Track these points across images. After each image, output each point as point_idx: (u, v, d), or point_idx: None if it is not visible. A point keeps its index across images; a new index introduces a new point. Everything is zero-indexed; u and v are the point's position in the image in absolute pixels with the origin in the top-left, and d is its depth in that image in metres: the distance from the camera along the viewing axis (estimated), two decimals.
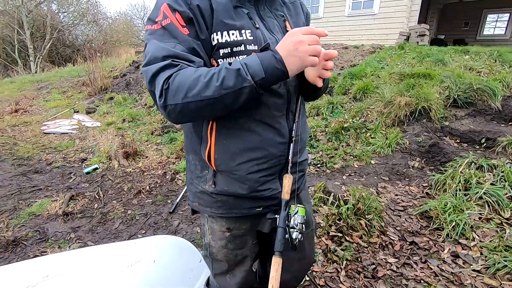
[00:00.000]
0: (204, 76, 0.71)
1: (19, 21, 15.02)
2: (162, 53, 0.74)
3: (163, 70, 0.72)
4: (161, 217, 2.56)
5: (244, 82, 0.71)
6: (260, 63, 0.72)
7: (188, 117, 0.77)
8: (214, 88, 0.70)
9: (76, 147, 4.34)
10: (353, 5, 8.16)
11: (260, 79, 0.71)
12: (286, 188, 0.88)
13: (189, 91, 0.70)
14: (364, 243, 2.01)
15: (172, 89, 0.71)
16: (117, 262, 1.36)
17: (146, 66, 0.75)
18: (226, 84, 0.70)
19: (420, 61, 4.75)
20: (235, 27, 0.80)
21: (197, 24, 0.76)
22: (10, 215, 2.58)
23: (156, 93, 0.73)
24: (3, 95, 8.15)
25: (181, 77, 0.71)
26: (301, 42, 0.71)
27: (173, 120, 0.77)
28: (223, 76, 0.70)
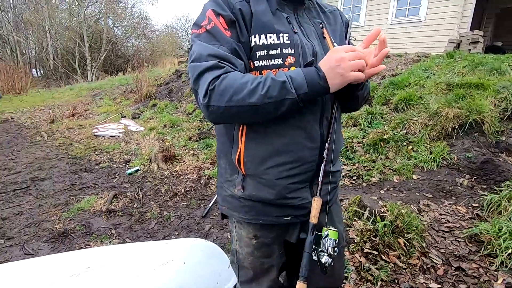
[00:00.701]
0: (250, 83, 0.74)
1: (80, 35, 16.81)
2: (207, 51, 0.78)
3: (209, 71, 0.75)
4: (194, 221, 2.64)
5: (287, 94, 0.73)
6: (305, 78, 0.74)
7: (227, 120, 0.81)
8: (258, 96, 0.73)
9: (121, 149, 4.67)
10: (397, 13, 7.83)
11: (303, 93, 0.74)
12: (314, 212, 0.86)
13: (234, 95, 0.73)
14: (402, 264, 1.87)
15: (218, 91, 0.74)
16: (151, 260, 1.43)
17: (192, 63, 0.79)
18: (270, 94, 0.73)
19: (471, 70, 4.38)
20: (273, 30, 0.82)
21: (238, 27, 0.81)
22: (62, 208, 2.84)
23: (200, 92, 0.76)
24: (64, 100, 9.12)
25: (227, 80, 0.74)
26: (343, 59, 0.74)
27: (212, 120, 0.81)
28: (269, 85, 0.73)
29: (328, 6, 1.04)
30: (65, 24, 18.17)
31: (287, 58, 0.82)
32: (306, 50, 0.85)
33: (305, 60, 0.84)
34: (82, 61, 17.47)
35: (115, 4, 18.31)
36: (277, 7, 0.85)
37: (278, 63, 0.82)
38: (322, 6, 1.01)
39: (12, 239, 2.35)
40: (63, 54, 17.69)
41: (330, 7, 1.04)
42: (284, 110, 0.76)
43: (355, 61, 0.74)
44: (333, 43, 0.95)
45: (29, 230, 2.48)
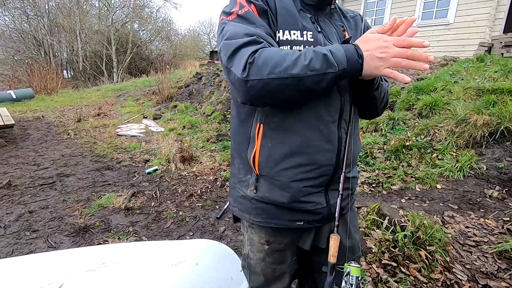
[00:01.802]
0: (291, 55, 0.71)
1: (108, 38, 17.58)
2: (244, 30, 0.76)
3: (246, 46, 0.73)
4: (209, 222, 2.65)
5: (329, 67, 0.70)
6: (345, 54, 0.71)
7: (265, 97, 0.74)
8: (301, 66, 0.69)
9: (142, 149, 4.80)
10: (423, 15, 7.56)
11: (342, 69, 0.71)
12: (332, 251, 0.83)
13: (276, 67, 0.70)
14: (423, 278, 1.77)
15: (258, 63, 0.70)
16: (163, 260, 1.44)
17: (226, 40, 0.76)
18: (313, 66, 0.70)
19: (504, 75, 4.12)
20: (297, 27, 0.82)
21: (270, 17, 0.81)
22: (84, 204, 2.95)
23: (237, 67, 0.72)
24: (91, 100, 9.53)
25: (267, 52, 0.72)
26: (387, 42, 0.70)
27: (249, 98, 0.75)
28: (311, 57, 0.70)
29: (349, 11, 1.03)
30: (94, 28, 19.08)
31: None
32: None
33: None
34: (108, 63, 18.25)
35: (141, 9, 19.02)
36: (301, 8, 0.86)
37: None
38: (344, 12, 1.00)
39: (37, 232, 2.47)
40: (91, 56, 18.57)
41: (352, 12, 1.03)
42: (325, 85, 0.72)
43: (399, 48, 0.69)
44: None
45: (53, 224, 2.59)
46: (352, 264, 0.80)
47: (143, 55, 20.12)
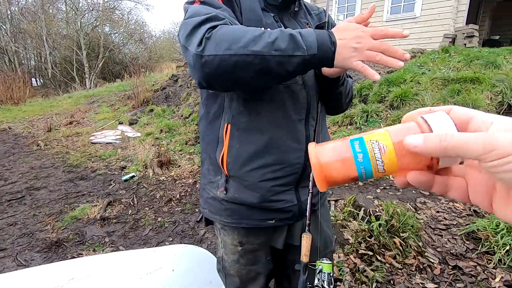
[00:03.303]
0: (253, 30, 0.65)
1: (78, 43, 16.90)
2: (205, 11, 0.71)
3: (206, 22, 0.67)
4: (189, 226, 2.61)
5: (297, 50, 0.64)
6: (316, 39, 0.65)
7: (222, 76, 0.66)
8: (264, 43, 0.63)
9: (117, 156, 4.66)
10: (391, 10, 7.81)
11: (311, 54, 0.64)
12: (304, 250, 0.83)
13: (234, 42, 0.63)
14: (398, 264, 1.83)
15: (215, 38, 0.64)
16: (138, 269, 1.40)
17: (186, 20, 0.71)
18: (278, 45, 0.63)
19: (467, 64, 4.34)
20: (261, 26, 0.80)
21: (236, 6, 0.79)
22: (56, 218, 2.82)
23: (193, 43, 0.66)
24: (62, 108, 9.13)
25: (227, 28, 0.66)
26: (364, 32, 0.65)
27: (205, 77, 0.67)
28: (277, 36, 0.64)
29: (315, 8, 1.02)
30: (62, 33, 18.27)
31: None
32: None
33: None
34: (80, 69, 17.55)
35: (111, 12, 18.41)
36: (264, 8, 0.84)
37: None
38: (309, 9, 0.99)
39: (4, 250, 2.33)
40: (61, 62, 17.78)
41: (317, 9, 1.02)
42: (290, 70, 0.66)
43: (377, 41, 0.64)
44: None
45: (22, 241, 2.45)
46: (324, 261, 0.81)
47: (117, 59, 19.49)
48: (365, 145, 0.31)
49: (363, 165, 0.30)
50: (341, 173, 0.31)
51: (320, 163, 0.31)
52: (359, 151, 0.31)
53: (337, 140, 0.33)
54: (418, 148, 0.28)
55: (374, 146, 0.30)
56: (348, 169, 0.31)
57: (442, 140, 0.27)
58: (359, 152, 0.30)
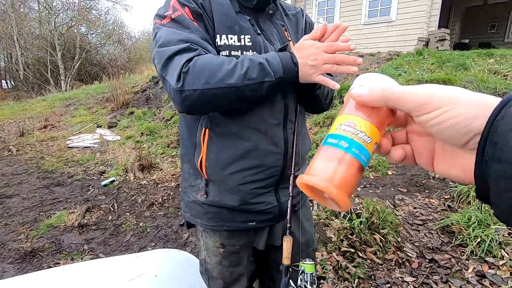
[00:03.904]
0: (227, 64, 0.70)
1: (52, 44, 16.21)
2: (177, 37, 0.73)
3: (180, 53, 0.71)
4: (172, 230, 2.57)
5: (266, 76, 0.71)
6: (280, 62, 0.72)
7: (202, 107, 0.74)
8: (238, 76, 0.69)
9: (96, 160, 4.51)
10: (369, 13, 8.06)
11: (279, 77, 0.72)
12: (286, 253, 0.84)
13: (212, 76, 0.68)
14: (378, 260, 1.89)
15: (193, 73, 0.69)
16: (119, 276, 1.36)
17: (159, 48, 0.73)
18: (250, 75, 0.70)
19: (439, 66, 4.56)
20: (234, 31, 0.80)
21: (205, 20, 0.79)
22: (30, 226, 2.69)
23: (171, 77, 0.70)
24: (35, 112, 8.72)
25: (203, 61, 0.70)
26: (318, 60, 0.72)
27: (186, 108, 0.73)
28: (247, 66, 0.70)
29: (291, 8, 1.02)
30: (35, 33, 17.47)
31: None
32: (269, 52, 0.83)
33: None
34: (55, 70, 16.83)
35: (87, 12, 17.81)
36: (240, 10, 0.84)
37: None
38: (286, 9, 0.99)
39: None
40: (34, 64, 16.98)
41: (294, 9, 1.02)
42: (263, 94, 0.73)
43: (329, 54, 0.71)
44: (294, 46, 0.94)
45: None
46: (306, 262, 0.82)
47: (94, 61, 18.85)
48: (337, 134, 0.31)
49: (352, 147, 0.30)
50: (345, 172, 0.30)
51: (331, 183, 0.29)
52: (337, 141, 0.30)
53: (315, 157, 0.32)
54: (364, 97, 0.30)
55: (343, 128, 0.31)
56: (347, 163, 0.30)
57: (384, 89, 0.29)
58: (338, 140, 0.30)
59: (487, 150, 0.23)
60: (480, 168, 0.24)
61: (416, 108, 0.27)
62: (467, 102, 0.25)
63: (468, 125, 0.24)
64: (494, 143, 0.23)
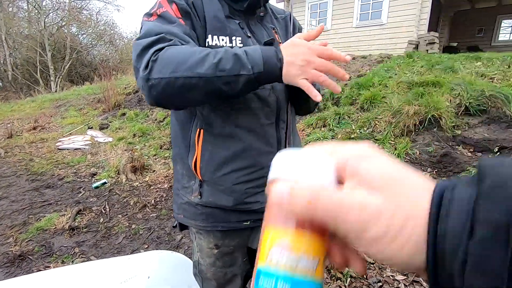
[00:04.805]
0: (199, 52, 0.65)
1: (42, 44, 15.95)
2: (157, 29, 0.71)
3: (154, 44, 0.68)
4: (164, 232, 2.55)
5: (242, 69, 0.65)
6: (262, 56, 0.66)
7: (171, 98, 0.69)
8: (209, 65, 0.64)
9: (87, 162, 4.45)
10: (360, 16, 8.18)
11: (257, 72, 0.66)
12: None
13: (180, 65, 0.64)
14: (370, 259, 1.92)
15: (161, 61, 0.65)
16: (111, 278, 1.35)
17: (137, 40, 0.72)
18: (223, 66, 0.64)
19: (429, 69, 4.65)
20: (226, 33, 0.81)
21: (193, 19, 0.78)
22: (19, 229, 2.64)
23: (142, 65, 0.67)
24: (24, 113, 8.56)
25: (173, 50, 0.67)
26: (309, 63, 0.65)
27: (154, 99, 0.69)
28: (221, 56, 0.65)
29: (281, 12, 1.03)
30: (24, 33, 17.16)
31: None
32: None
33: None
34: (44, 71, 16.55)
35: (78, 12, 17.59)
36: (229, 14, 0.84)
37: None
38: (275, 12, 1.00)
39: None
40: (23, 64, 16.67)
41: (283, 13, 1.03)
42: (239, 89, 0.67)
43: (322, 60, 0.65)
44: None
45: None
46: None
47: (85, 61, 18.61)
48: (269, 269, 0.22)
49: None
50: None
51: None
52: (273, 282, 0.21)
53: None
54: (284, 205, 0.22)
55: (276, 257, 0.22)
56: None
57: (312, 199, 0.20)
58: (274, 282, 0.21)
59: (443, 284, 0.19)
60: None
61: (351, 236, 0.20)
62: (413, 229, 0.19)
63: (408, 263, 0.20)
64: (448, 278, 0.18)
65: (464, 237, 0.17)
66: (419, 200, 0.19)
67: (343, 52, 0.66)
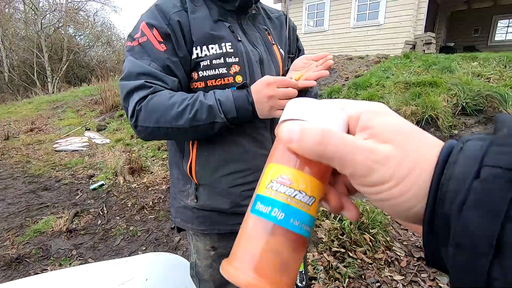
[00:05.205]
0: (178, 106, 0.73)
1: (38, 45, 15.89)
2: (137, 70, 0.77)
3: (137, 90, 0.75)
4: (163, 233, 2.54)
5: (216, 118, 0.74)
6: (234, 103, 0.75)
7: (157, 138, 0.81)
8: (186, 119, 0.73)
9: (85, 164, 4.43)
10: (358, 17, 8.21)
11: (231, 118, 0.75)
12: None
13: (161, 118, 0.73)
14: (368, 259, 1.92)
15: (145, 112, 0.74)
16: (109, 281, 1.35)
17: (122, 81, 0.79)
18: (199, 117, 0.73)
19: (426, 69, 4.67)
20: (214, 41, 0.80)
21: (175, 40, 0.78)
22: (16, 232, 2.62)
23: (129, 112, 0.77)
24: (21, 115, 8.51)
25: (154, 102, 0.74)
26: (272, 96, 0.73)
27: (143, 138, 0.82)
28: (196, 109, 0.73)
29: (274, 11, 1.03)
30: (20, 34, 17.08)
31: (232, 67, 0.81)
32: (251, 57, 0.84)
33: (251, 68, 0.84)
34: (41, 72, 16.48)
35: (75, 13, 17.52)
36: (219, 18, 0.83)
37: (222, 72, 0.80)
38: (268, 12, 1.00)
39: None
40: (19, 66, 16.59)
41: (277, 12, 1.03)
42: (216, 131, 0.76)
43: (284, 101, 0.74)
44: (279, 49, 0.95)
45: None
46: None
47: (82, 62, 18.54)
48: (267, 197, 0.23)
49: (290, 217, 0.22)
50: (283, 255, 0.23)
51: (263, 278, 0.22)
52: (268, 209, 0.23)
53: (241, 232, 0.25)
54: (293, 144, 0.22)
55: (275, 187, 0.23)
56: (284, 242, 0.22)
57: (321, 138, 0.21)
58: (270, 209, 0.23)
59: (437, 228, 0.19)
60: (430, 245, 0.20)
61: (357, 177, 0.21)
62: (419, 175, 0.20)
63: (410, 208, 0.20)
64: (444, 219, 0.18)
65: (469, 179, 0.17)
66: (429, 151, 0.20)
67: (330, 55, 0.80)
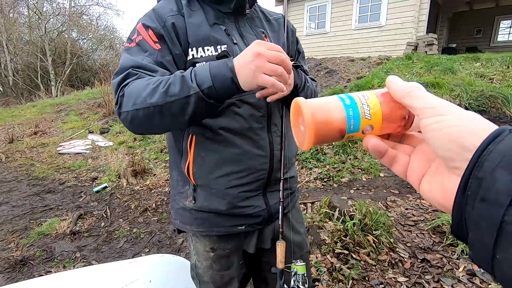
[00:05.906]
0: (153, 83, 0.69)
1: (42, 49, 16.02)
2: (128, 64, 0.76)
3: (124, 80, 0.75)
4: (166, 235, 2.55)
5: (189, 90, 0.66)
6: (209, 71, 0.66)
7: (142, 126, 0.74)
8: (159, 94, 0.67)
9: (88, 166, 4.46)
10: (359, 19, 8.22)
11: (207, 88, 0.65)
12: (280, 257, 0.85)
13: (137, 98, 0.70)
14: (372, 261, 1.91)
15: (125, 96, 0.72)
16: (113, 282, 1.35)
17: (114, 75, 0.78)
18: (172, 91, 0.66)
19: (428, 70, 4.66)
20: (210, 43, 0.81)
21: (169, 40, 0.79)
22: (20, 234, 2.64)
23: (115, 100, 0.76)
24: (24, 118, 8.58)
25: (134, 84, 0.72)
26: (260, 55, 0.63)
27: (130, 129, 0.77)
28: (170, 83, 0.67)
29: (273, 13, 1.03)
30: (24, 38, 17.24)
31: None
32: None
33: None
34: (45, 76, 16.60)
35: (78, 17, 17.67)
36: (215, 21, 0.84)
37: None
38: (267, 14, 1.00)
39: None
40: (23, 69, 16.73)
41: (275, 14, 1.03)
42: (193, 109, 0.67)
43: (272, 65, 0.64)
44: None
45: None
46: (298, 263, 0.84)
47: (85, 66, 18.67)
48: (349, 95, 0.34)
49: (350, 107, 0.32)
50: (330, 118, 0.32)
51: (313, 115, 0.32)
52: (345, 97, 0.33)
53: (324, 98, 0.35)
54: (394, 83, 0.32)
55: (358, 94, 0.33)
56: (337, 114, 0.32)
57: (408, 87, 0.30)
58: (346, 97, 0.33)
59: (471, 184, 0.22)
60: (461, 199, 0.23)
61: (422, 110, 0.28)
62: (470, 119, 0.25)
63: (460, 138, 0.24)
64: (478, 179, 0.22)
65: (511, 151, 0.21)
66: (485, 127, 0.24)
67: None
